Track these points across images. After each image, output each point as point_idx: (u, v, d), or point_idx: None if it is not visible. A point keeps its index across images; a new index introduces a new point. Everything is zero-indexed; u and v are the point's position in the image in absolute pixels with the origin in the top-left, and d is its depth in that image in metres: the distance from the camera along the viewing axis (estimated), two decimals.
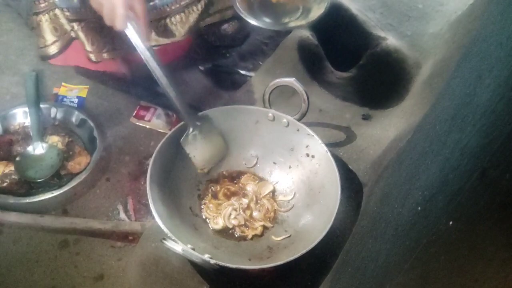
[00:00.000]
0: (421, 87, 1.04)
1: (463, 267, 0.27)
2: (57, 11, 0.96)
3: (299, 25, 1.09)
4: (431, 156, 0.42)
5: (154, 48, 0.98)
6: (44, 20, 0.98)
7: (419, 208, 0.36)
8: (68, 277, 0.83)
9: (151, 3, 0.98)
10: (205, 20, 1.08)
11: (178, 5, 1.02)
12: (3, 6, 1.23)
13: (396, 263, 0.36)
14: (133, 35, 0.75)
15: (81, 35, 0.96)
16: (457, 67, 0.54)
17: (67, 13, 0.94)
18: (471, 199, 0.27)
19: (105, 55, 1.00)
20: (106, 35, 0.97)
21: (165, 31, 1.02)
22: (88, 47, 0.97)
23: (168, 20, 1.02)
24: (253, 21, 1.03)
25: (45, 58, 1.04)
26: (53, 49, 1.01)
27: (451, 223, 0.27)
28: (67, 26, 0.97)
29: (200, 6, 1.04)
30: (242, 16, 1.03)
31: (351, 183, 0.89)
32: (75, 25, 0.95)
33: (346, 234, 0.79)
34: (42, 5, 0.96)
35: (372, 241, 0.52)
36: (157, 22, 1.01)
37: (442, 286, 0.28)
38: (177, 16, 1.03)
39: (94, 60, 0.99)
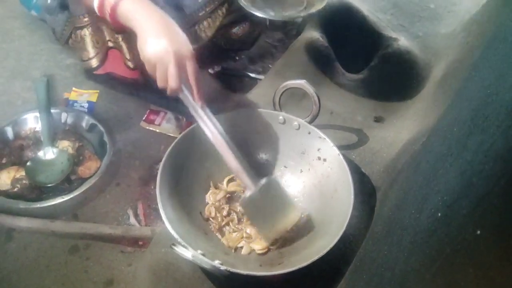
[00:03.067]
0: (433, 89, 1.02)
1: (495, 281, 0.25)
2: (100, 24, 0.98)
3: (298, 16, 1.08)
4: (450, 160, 0.40)
5: None
6: (88, 34, 1.00)
7: (439, 214, 0.34)
8: (78, 283, 0.83)
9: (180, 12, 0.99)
10: (226, 18, 1.09)
11: (204, 12, 1.03)
12: (38, 20, 1.25)
13: (415, 272, 0.35)
14: (186, 97, 0.74)
15: (124, 45, 0.98)
16: (474, 67, 0.52)
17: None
18: (500, 206, 0.26)
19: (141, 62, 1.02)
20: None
21: (194, 38, 1.03)
22: (128, 56, 0.99)
23: (197, 27, 1.03)
24: (253, 11, 1.02)
25: (88, 70, 1.07)
26: (95, 62, 1.04)
27: (478, 232, 0.25)
28: (108, 38, 0.99)
29: (224, 9, 1.05)
30: (241, 4, 1.02)
31: (364, 187, 0.88)
32: (119, 37, 0.97)
33: (360, 240, 0.77)
34: (86, 19, 0.99)
35: (387, 248, 0.50)
36: (187, 30, 1.02)
37: None
38: (205, 23, 1.04)
39: (132, 67, 1.01)
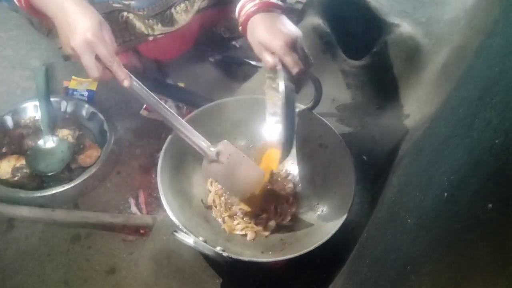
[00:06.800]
0: (436, 76, 1.01)
1: (510, 254, 0.24)
2: None
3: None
4: (455, 141, 0.39)
5: (160, 36, 0.97)
6: None
7: (445, 194, 0.34)
8: (80, 271, 0.83)
9: None
10: (205, 1, 1.06)
11: None
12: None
13: (422, 252, 0.34)
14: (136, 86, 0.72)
15: None
16: (479, 48, 0.51)
17: None
18: None
19: (118, 48, 1.00)
20: (115, 29, 0.98)
21: (170, 21, 1.01)
22: None
23: (173, 9, 1.01)
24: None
25: (65, 58, 1.04)
26: None
27: (490, 205, 0.25)
28: None
29: None
30: None
31: (365, 174, 0.87)
32: None
33: (361, 226, 0.77)
34: None
35: (391, 232, 0.50)
36: (163, 13, 1.00)
37: (482, 275, 0.26)
38: (182, 5, 1.01)
39: None
